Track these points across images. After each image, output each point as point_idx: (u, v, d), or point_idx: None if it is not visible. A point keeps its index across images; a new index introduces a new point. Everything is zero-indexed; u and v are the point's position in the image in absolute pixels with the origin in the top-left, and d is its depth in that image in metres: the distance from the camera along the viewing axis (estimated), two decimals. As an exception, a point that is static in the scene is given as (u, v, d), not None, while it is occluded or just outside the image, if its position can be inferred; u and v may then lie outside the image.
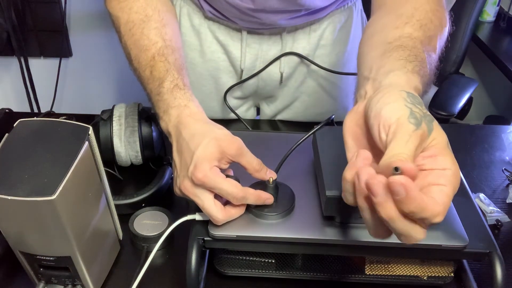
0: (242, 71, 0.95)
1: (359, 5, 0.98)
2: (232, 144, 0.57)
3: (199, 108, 0.63)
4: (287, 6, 0.82)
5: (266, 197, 0.58)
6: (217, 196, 0.57)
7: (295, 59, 0.94)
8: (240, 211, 0.58)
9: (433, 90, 1.59)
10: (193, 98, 0.64)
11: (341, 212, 0.57)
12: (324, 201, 0.56)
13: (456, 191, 0.42)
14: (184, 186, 0.57)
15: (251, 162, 0.59)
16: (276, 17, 0.85)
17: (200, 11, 0.91)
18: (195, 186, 0.56)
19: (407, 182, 0.38)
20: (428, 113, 0.46)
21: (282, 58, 0.93)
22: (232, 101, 1.01)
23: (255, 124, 1.02)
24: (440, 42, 0.64)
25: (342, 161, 0.60)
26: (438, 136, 0.44)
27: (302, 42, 0.93)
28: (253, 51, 0.93)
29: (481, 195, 0.81)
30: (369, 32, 0.65)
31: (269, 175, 0.60)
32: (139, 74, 0.70)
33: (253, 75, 0.96)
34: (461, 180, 0.69)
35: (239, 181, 0.57)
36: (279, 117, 1.05)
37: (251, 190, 0.57)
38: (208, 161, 0.55)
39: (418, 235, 0.41)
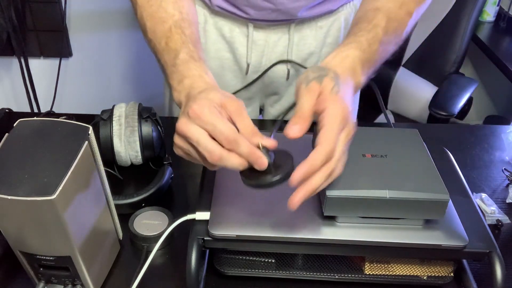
0: (248, 65, 0.94)
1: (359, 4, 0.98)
2: (234, 101, 0.56)
3: (213, 80, 0.63)
4: None
5: (259, 155, 0.53)
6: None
7: (302, 55, 0.93)
8: (237, 159, 0.54)
9: (433, 90, 1.59)
10: (207, 71, 0.64)
11: (341, 212, 0.57)
12: (324, 201, 0.56)
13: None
14: (178, 124, 0.55)
15: (247, 126, 0.55)
16: (296, 3, 0.83)
17: (205, 7, 0.91)
18: (190, 121, 0.54)
19: None
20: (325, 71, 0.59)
21: (290, 54, 0.92)
22: None
23: (259, 124, 1.02)
24: None
25: (342, 161, 0.60)
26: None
27: (308, 39, 0.92)
28: (259, 48, 0.92)
29: (483, 195, 0.80)
30: None
31: (265, 143, 0.55)
32: (154, 45, 0.71)
33: (259, 77, 0.95)
34: (461, 180, 0.69)
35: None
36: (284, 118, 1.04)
37: (246, 140, 0.54)
38: (208, 100, 0.55)
39: None
